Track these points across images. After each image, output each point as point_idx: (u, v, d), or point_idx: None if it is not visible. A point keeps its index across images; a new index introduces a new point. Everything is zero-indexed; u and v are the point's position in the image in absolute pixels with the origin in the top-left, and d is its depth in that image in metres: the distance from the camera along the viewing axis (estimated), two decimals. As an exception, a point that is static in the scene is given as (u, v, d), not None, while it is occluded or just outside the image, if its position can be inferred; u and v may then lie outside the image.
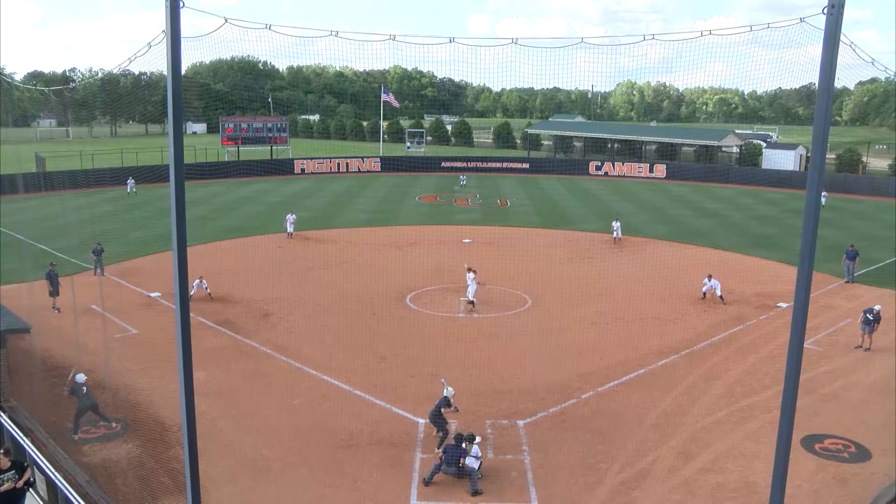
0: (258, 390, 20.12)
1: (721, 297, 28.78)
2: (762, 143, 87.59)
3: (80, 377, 17.28)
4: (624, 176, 75.64)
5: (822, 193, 49.02)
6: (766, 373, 21.60)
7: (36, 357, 21.17)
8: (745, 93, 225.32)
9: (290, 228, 41.16)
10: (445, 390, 17.27)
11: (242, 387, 20.32)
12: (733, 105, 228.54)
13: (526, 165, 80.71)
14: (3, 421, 15.52)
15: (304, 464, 16.30)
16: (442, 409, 17.01)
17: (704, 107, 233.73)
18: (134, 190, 59.50)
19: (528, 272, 33.00)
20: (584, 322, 26.29)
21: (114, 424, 17.44)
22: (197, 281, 28.20)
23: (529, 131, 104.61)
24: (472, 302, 27.42)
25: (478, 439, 16.16)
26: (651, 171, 75.57)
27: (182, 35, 9.59)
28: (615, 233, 40.75)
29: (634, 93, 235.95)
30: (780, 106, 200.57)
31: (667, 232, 44.08)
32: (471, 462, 15.56)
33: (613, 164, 77.39)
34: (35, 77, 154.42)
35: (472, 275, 27.68)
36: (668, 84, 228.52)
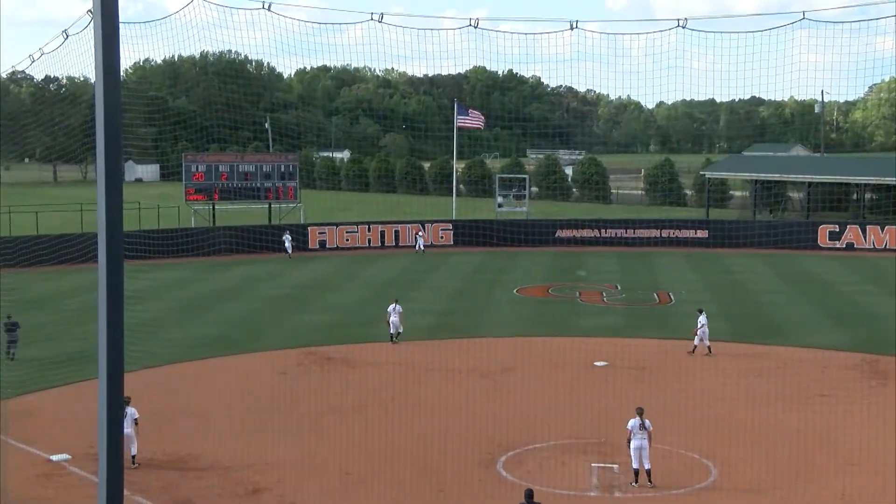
0: None
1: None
2: None
3: None
4: (885, 249, 74.37)
5: None
6: None
7: None
8: None
9: (394, 327, 43.73)
10: None
11: None
12: None
13: (703, 233, 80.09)
14: None
15: None
16: None
17: None
18: (290, 251, 73.49)
19: (711, 420, 32.12)
20: (817, 511, 25.26)
21: None
22: None
23: (708, 174, 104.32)
24: (646, 473, 26.68)
25: None
26: (939, 241, 74.01)
27: (122, 18, 9.86)
28: (698, 334, 41.79)
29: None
30: None
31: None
32: None
33: (864, 230, 76.14)
34: None
35: (641, 422, 27.00)
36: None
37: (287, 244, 75.04)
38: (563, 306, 54.13)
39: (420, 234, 78.16)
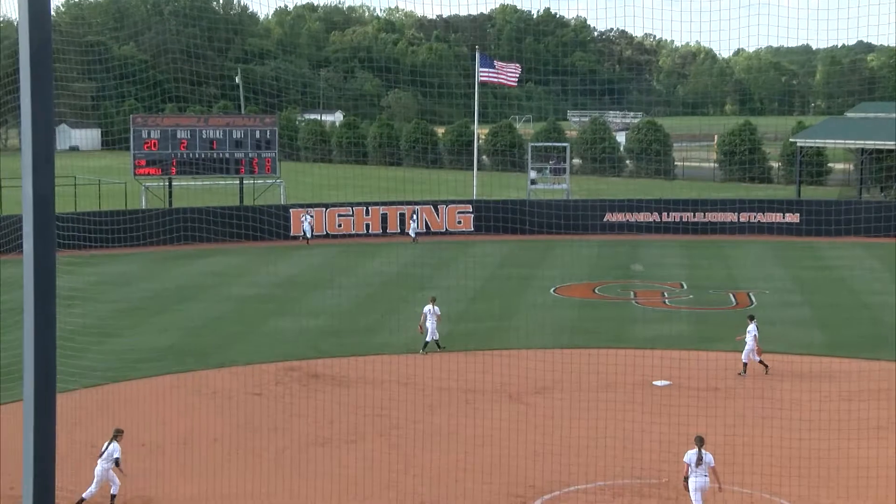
0: None
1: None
2: None
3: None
4: None
5: None
6: None
7: None
8: None
9: (430, 334, 44.49)
10: None
11: None
12: None
13: (793, 217, 79.89)
14: None
15: None
16: None
17: None
18: (307, 236, 75.97)
19: (803, 455, 31.95)
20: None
21: None
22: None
23: (800, 142, 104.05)
24: None
25: None
26: None
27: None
28: (747, 346, 42.00)
29: None
30: None
31: None
32: None
33: None
34: None
35: (699, 454, 26.98)
36: None
37: (305, 225, 76.39)
38: (614, 310, 54.17)
39: (413, 216, 78.34)
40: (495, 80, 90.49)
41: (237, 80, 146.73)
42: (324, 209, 79.19)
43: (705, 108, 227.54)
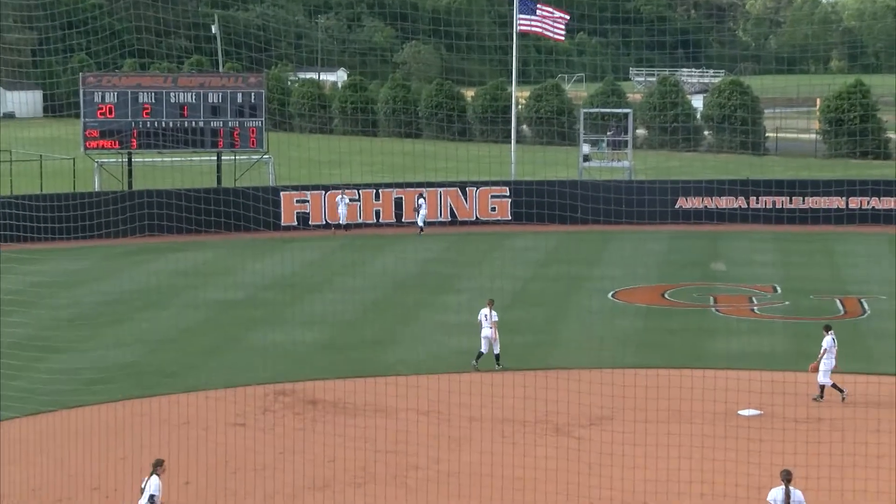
0: None
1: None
2: None
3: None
4: None
5: None
6: None
7: None
8: None
9: (486, 344, 45.12)
10: None
11: None
12: None
13: (918, 204, 79.65)
14: None
15: None
16: None
17: None
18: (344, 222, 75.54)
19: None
20: None
21: None
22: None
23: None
24: None
25: None
26: None
27: None
28: (822, 367, 42.19)
29: None
30: None
31: None
32: None
33: None
34: None
35: (787, 494, 27.01)
36: None
37: (341, 209, 77.25)
38: (689, 320, 54.14)
39: (423, 202, 78.89)
40: (538, 29, 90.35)
41: (214, 29, 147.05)
42: (322, 192, 79.27)
43: (805, 64, 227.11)
